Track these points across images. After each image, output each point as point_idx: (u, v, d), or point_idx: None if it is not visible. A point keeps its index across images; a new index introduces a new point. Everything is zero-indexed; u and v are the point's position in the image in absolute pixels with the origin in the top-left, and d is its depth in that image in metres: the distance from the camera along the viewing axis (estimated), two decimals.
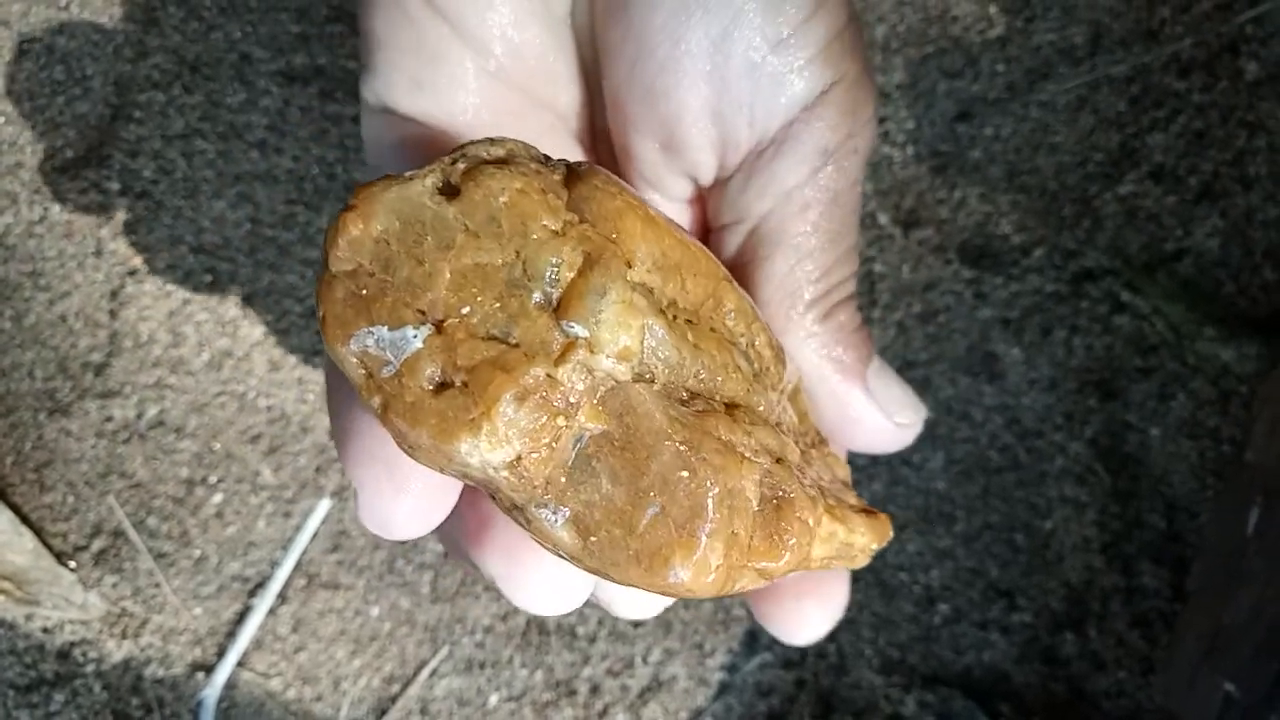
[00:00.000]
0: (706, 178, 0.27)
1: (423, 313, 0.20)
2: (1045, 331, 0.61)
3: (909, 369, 0.61)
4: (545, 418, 0.20)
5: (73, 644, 0.63)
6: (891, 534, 0.27)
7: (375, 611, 0.62)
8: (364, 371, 0.20)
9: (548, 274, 0.20)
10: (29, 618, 0.63)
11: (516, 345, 0.20)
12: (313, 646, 0.62)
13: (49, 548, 0.63)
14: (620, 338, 0.20)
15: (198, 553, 0.63)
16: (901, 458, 0.61)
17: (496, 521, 0.24)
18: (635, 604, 0.27)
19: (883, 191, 0.62)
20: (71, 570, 0.63)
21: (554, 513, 0.20)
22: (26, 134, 0.65)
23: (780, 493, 0.23)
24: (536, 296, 0.20)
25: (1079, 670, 0.59)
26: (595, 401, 0.20)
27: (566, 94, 0.28)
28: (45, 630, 0.63)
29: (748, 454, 0.22)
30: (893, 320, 0.62)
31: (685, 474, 0.21)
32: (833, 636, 0.61)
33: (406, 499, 0.23)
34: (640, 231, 0.21)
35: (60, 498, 0.64)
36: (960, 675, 0.60)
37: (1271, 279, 0.60)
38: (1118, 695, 0.59)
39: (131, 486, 0.63)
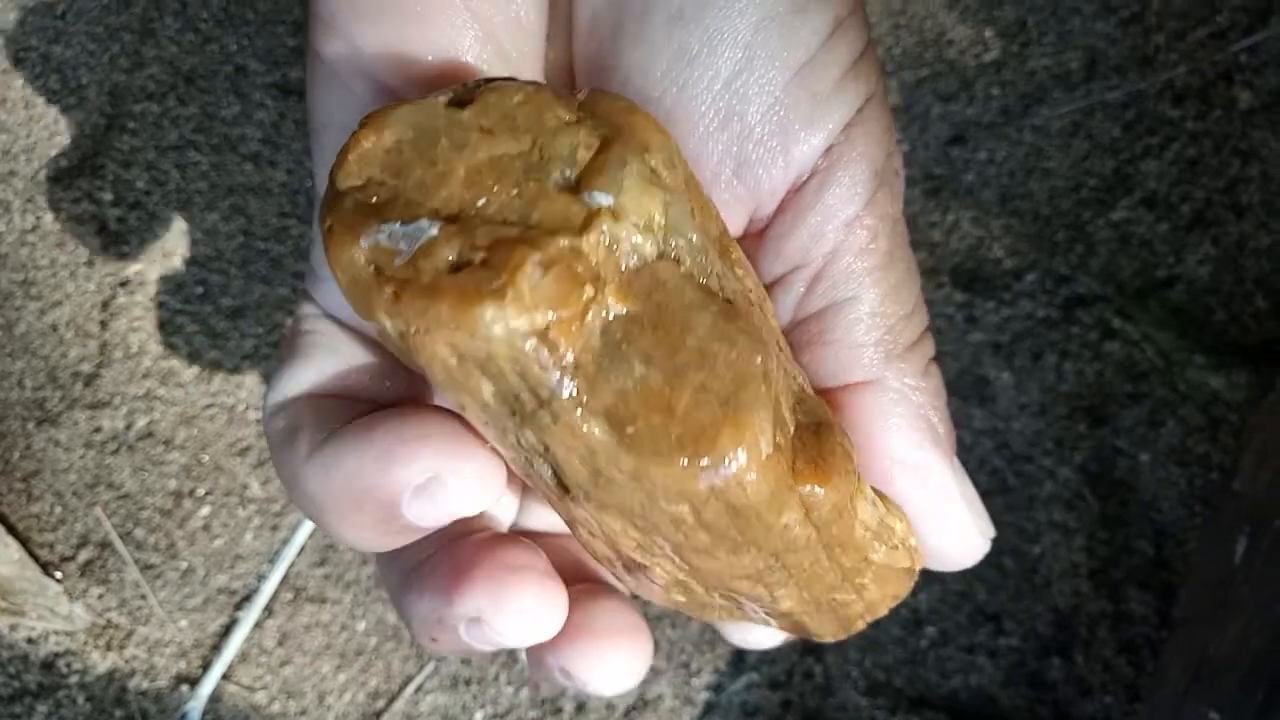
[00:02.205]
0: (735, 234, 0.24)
1: (437, 210, 0.19)
2: (1036, 356, 0.61)
3: None
4: (572, 287, 0.18)
5: (57, 655, 0.62)
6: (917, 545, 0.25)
7: (361, 626, 0.62)
8: (373, 269, 0.19)
9: (565, 154, 0.19)
10: (13, 628, 0.62)
11: (537, 226, 0.19)
12: (298, 660, 0.62)
13: (35, 558, 0.63)
14: (645, 204, 0.19)
15: (184, 565, 0.63)
16: None
17: (478, 561, 0.23)
18: (612, 676, 0.24)
19: None
20: (57, 581, 0.62)
21: (584, 402, 0.19)
22: (21, 142, 0.65)
23: (817, 419, 0.21)
24: (555, 177, 0.19)
25: (1065, 695, 0.59)
26: (622, 278, 0.19)
27: None
28: (29, 641, 0.62)
29: (783, 369, 0.21)
30: None
31: (724, 345, 0.19)
32: (819, 657, 0.61)
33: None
34: (654, 128, 0.20)
35: (47, 508, 0.64)
36: (946, 698, 0.60)
37: (1263, 307, 0.60)
38: None
39: (119, 497, 0.63)
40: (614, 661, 0.24)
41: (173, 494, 0.63)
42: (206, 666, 0.62)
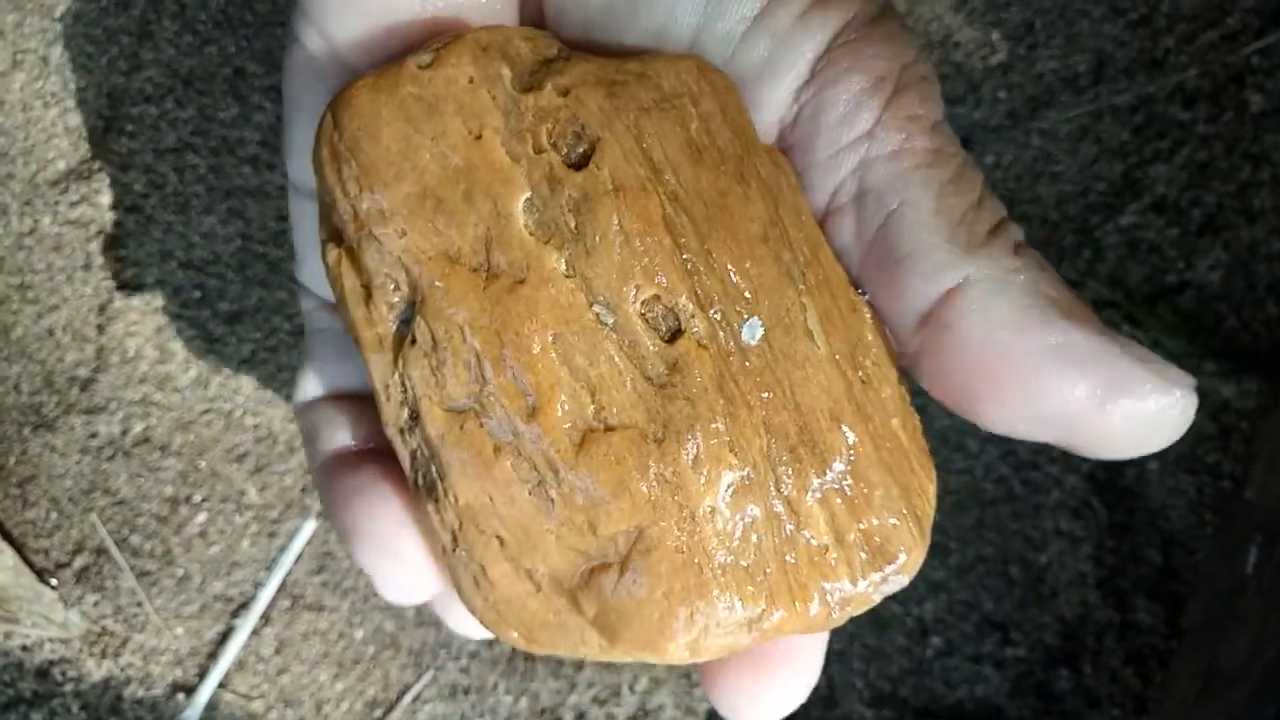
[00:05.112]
0: None
1: None
2: None
3: None
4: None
5: (52, 663, 0.62)
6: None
7: (359, 634, 0.61)
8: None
9: None
10: (8, 636, 0.62)
11: None
12: (295, 669, 0.61)
13: (30, 565, 0.62)
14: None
15: (180, 572, 0.62)
16: None
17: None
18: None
19: None
20: (52, 588, 0.62)
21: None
22: (18, 145, 0.65)
23: None
24: None
25: (1072, 706, 0.58)
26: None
27: None
28: (24, 648, 0.62)
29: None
30: None
31: None
32: (823, 667, 0.60)
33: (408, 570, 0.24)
34: None
35: (43, 514, 0.63)
36: (952, 709, 0.59)
37: (1274, 314, 0.59)
38: None
39: (115, 504, 0.63)
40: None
41: (169, 500, 0.63)
42: (203, 674, 0.61)
